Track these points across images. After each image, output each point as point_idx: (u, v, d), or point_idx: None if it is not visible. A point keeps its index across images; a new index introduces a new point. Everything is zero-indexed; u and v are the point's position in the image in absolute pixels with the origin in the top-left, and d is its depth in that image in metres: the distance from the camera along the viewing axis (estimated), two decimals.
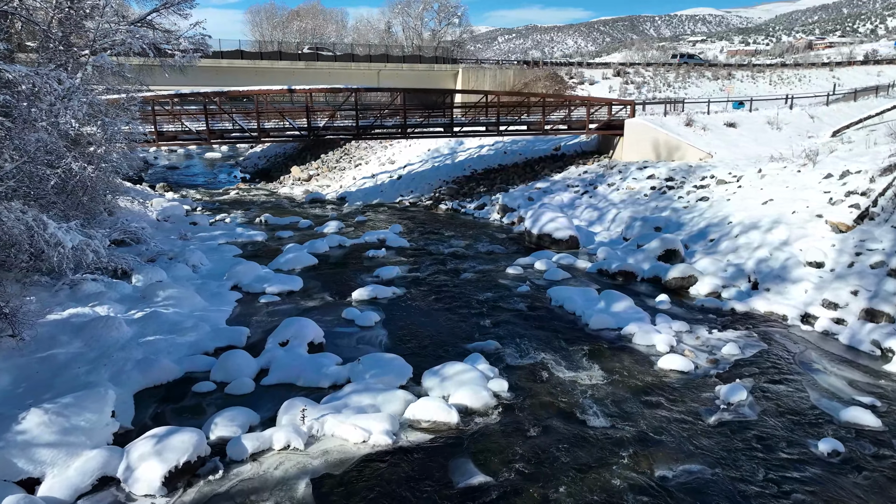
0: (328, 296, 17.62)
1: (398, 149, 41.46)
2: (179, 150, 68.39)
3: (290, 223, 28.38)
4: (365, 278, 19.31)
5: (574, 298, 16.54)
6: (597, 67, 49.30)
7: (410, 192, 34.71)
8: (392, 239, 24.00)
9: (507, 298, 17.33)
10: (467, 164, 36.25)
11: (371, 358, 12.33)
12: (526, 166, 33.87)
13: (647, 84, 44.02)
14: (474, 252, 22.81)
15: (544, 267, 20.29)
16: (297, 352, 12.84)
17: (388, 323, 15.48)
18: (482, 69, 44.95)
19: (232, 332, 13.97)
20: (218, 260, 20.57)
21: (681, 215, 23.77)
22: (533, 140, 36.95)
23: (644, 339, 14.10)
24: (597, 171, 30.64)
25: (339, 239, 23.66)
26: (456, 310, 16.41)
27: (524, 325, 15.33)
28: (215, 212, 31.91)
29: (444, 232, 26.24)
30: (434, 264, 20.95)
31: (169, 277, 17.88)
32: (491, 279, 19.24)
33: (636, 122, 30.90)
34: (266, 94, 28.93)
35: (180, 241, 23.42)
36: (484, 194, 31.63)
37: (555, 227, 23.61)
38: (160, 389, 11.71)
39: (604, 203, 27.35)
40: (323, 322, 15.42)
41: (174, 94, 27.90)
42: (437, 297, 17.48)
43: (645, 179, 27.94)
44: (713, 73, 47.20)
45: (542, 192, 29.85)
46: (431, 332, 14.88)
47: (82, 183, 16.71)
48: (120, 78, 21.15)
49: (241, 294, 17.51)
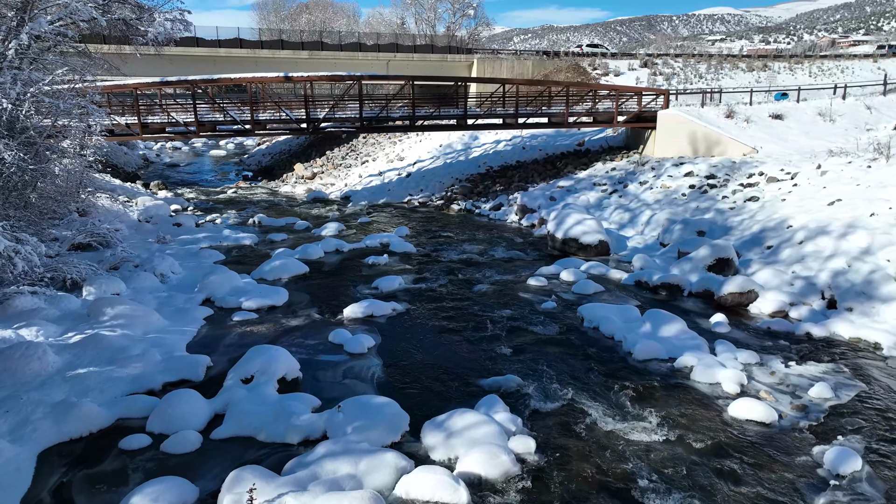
0: (315, 313, 14.79)
1: (408, 144, 38.65)
2: (185, 148, 66.19)
3: (285, 225, 25.65)
4: (361, 290, 16.48)
5: (612, 319, 13.57)
6: (622, 58, 46.15)
7: (420, 190, 31.88)
8: (396, 243, 21.16)
9: (529, 317, 14.40)
10: (482, 160, 33.35)
11: (356, 403, 9.46)
12: (547, 163, 30.89)
13: (677, 76, 40.80)
14: (490, 259, 19.90)
15: (572, 277, 17.34)
16: (262, 392, 10.02)
17: (384, 349, 12.62)
18: (498, 60, 42.01)
19: (188, 363, 11.19)
20: (194, 267, 17.85)
21: (727, 218, 20.69)
22: (554, 135, 33.95)
23: (706, 374, 11.11)
24: (626, 168, 27.60)
25: (336, 243, 20.86)
26: (467, 332, 13.51)
27: (552, 354, 12.40)
28: (208, 212, 29.28)
29: (456, 235, 23.36)
30: (443, 274, 18.07)
31: (129, 289, 15.18)
32: (509, 292, 16.32)
33: (670, 113, 27.80)
34: (261, 83, 26.24)
35: (157, 245, 20.75)
36: (500, 193, 28.71)
37: (582, 230, 20.63)
38: (77, 445, 8.94)
39: (636, 203, 24.31)
40: (304, 348, 12.62)
41: (159, 81, 25.28)
42: (446, 315, 14.60)
43: (682, 177, 24.86)
44: (748, 64, 43.85)
45: (566, 192, 26.86)
46: (436, 363, 11.99)
47: (23, 178, 14.04)
48: (84, 59, 18.53)
49: (213, 310, 14.75)
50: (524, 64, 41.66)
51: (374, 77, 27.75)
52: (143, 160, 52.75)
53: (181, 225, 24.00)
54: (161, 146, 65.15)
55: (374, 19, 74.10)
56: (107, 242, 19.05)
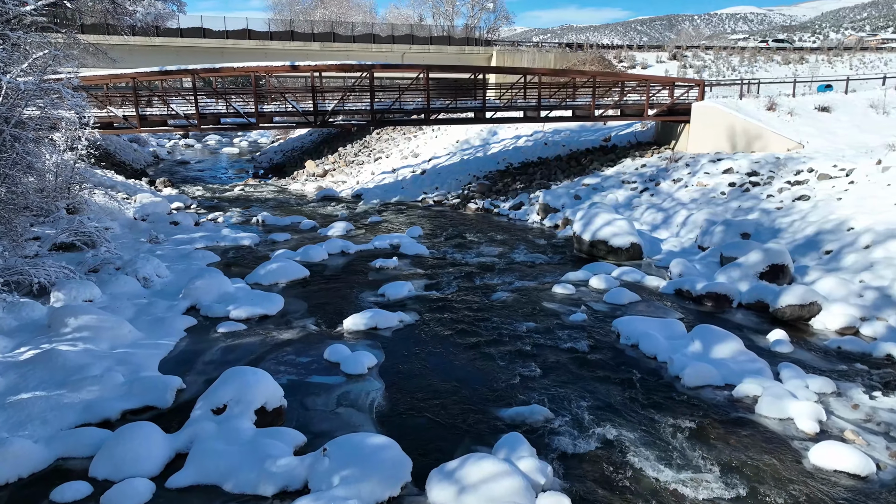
0: (312, 324, 13.02)
1: (423, 140, 36.86)
2: (197, 145, 65.14)
3: (290, 224, 23.98)
4: (366, 298, 14.69)
5: (653, 335, 11.63)
6: (649, 50, 43.93)
7: (435, 188, 30.07)
8: (408, 245, 19.36)
9: (556, 332, 12.50)
10: (501, 156, 31.45)
11: (347, 444, 7.65)
12: (570, 159, 28.90)
13: (709, 68, 38.53)
14: (510, 263, 18.02)
15: (603, 285, 15.41)
16: (236, 426, 8.25)
17: (388, 369, 10.81)
18: (519, 52, 40.03)
19: (154, 385, 9.46)
20: (182, 271, 16.19)
21: (775, 219, 18.60)
22: (578, 130, 31.95)
23: (774, 407, 9.14)
24: (658, 165, 25.53)
25: (341, 244, 19.10)
26: (485, 349, 11.65)
27: (584, 378, 10.50)
28: (211, 210, 27.74)
29: (473, 236, 21.50)
30: (458, 279, 16.22)
31: (105, 295, 13.53)
32: (533, 301, 14.43)
33: (706, 106, 25.68)
34: (266, 73, 24.62)
35: (148, 245, 19.16)
36: (521, 192, 26.80)
37: (612, 231, 18.67)
38: (1, 495, 7.23)
39: (669, 203, 22.27)
40: (294, 367, 10.86)
41: (158, 70, 23.75)
42: (460, 328, 12.74)
43: (720, 174, 22.76)
44: (783, 56, 41.39)
45: (592, 190, 24.88)
46: (448, 387, 10.15)
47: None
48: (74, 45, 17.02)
49: (197, 319, 13.04)
50: (546, 56, 39.66)
51: (387, 66, 26.01)
52: (154, 157, 51.58)
53: (178, 224, 22.43)
54: (174, 143, 64.19)
55: (391, 14, 72.49)
56: (92, 242, 17.46)
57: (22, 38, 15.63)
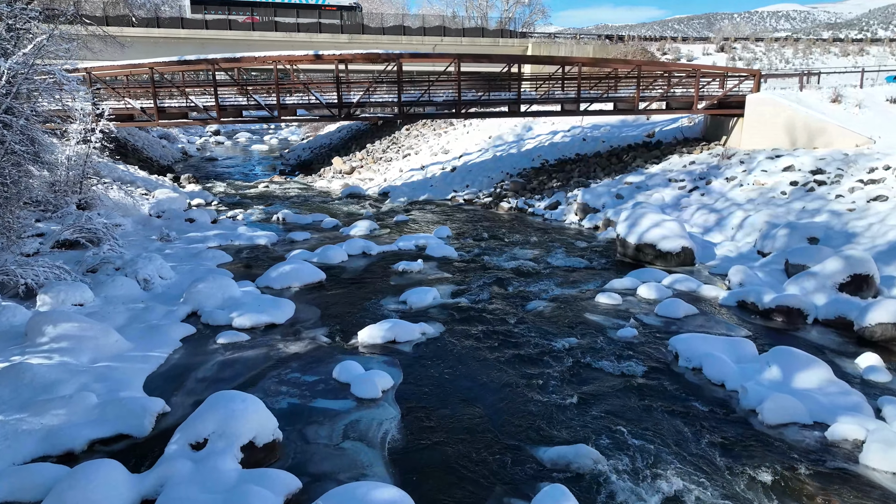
0: (323, 335, 11.54)
1: (453, 136, 35.27)
2: (227, 142, 64.67)
3: (311, 222, 22.62)
4: (386, 306, 13.16)
5: (720, 358, 9.83)
6: (694, 42, 41.58)
7: (466, 186, 28.46)
8: (435, 246, 17.79)
9: (602, 350, 10.79)
10: (536, 153, 29.67)
11: (347, 496, 6.10)
12: (611, 156, 26.99)
13: (760, 61, 36.11)
14: (546, 268, 16.31)
15: (653, 294, 13.62)
16: (217, 466, 6.78)
17: (405, 394, 9.25)
18: (556, 44, 38.18)
19: (131, 409, 8.07)
20: (189, 272, 14.89)
21: (847, 221, 16.51)
22: (619, 125, 29.98)
23: (886, 458, 7.30)
24: (708, 162, 23.48)
25: (363, 245, 17.63)
26: (520, 370, 10.01)
27: (638, 409, 8.79)
28: (232, 207, 26.61)
29: (506, 238, 19.83)
30: (489, 286, 14.58)
31: (98, 298, 12.27)
32: (573, 313, 12.72)
33: (763, 98, 23.53)
34: (289, 62, 23.34)
35: (158, 244, 17.97)
36: (557, 190, 25.01)
37: (660, 234, 16.84)
38: None
39: (723, 203, 20.26)
40: (297, 388, 9.37)
41: (176, 60, 22.66)
42: (490, 343, 11.12)
43: (780, 172, 20.66)
44: (841, 48, 38.65)
45: (635, 189, 22.98)
46: (476, 419, 8.54)
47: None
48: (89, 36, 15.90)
49: (196, 327, 11.68)
50: (584, 49, 37.72)
51: (416, 55, 24.49)
52: (183, 154, 51.01)
53: (194, 221, 21.25)
54: (205, 140, 63.83)
55: (424, 9, 71.14)
56: (98, 240, 16.32)
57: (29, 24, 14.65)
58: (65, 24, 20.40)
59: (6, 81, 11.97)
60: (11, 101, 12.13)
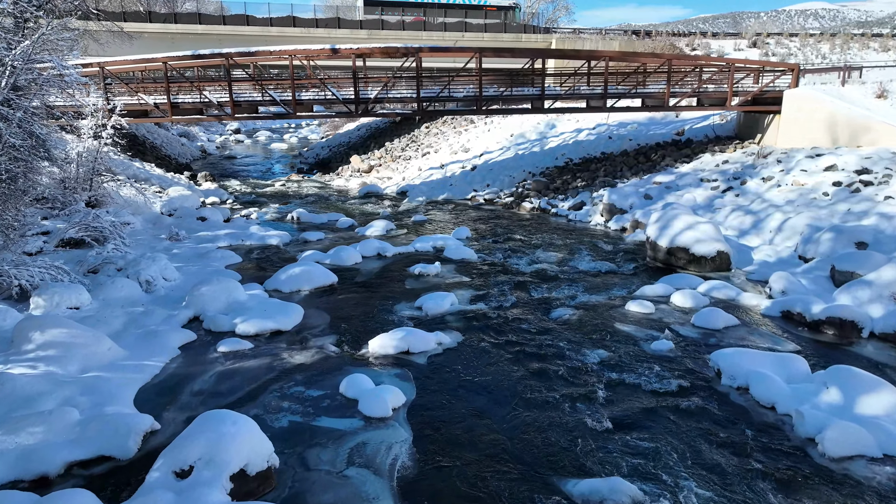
0: (331, 343, 10.72)
1: (474, 134, 34.35)
2: (247, 141, 64.46)
3: (326, 222, 21.89)
4: (400, 312, 12.31)
5: (768, 377, 8.82)
6: (725, 38, 40.15)
7: (486, 185, 27.53)
8: (453, 248, 16.91)
9: (635, 365, 9.82)
10: (560, 151, 28.63)
11: None
12: (638, 155, 25.86)
13: (794, 56, 34.63)
14: (572, 272, 15.34)
15: (689, 302, 12.59)
16: (201, 498, 5.97)
17: (418, 412, 8.39)
18: (581, 39, 37.05)
19: (115, 428, 7.32)
20: (195, 273, 14.18)
21: None
22: (647, 122, 28.82)
23: None
24: (742, 161, 22.29)
25: (378, 246, 16.81)
26: (545, 387, 9.08)
27: (679, 435, 7.82)
28: (248, 205, 26.01)
29: (528, 239, 18.88)
30: (511, 291, 13.65)
31: (96, 301, 11.59)
32: (602, 322, 11.75)
33: (802, 94, 22.26)
34: (304, 56, 22.62)
35: (166, 243, 17.33)
36: (582, 190, 23.98)
37: (694, 237, 15.77)
38: None
39: (759, 204, 19.09)
40: (300, 403, 8.56)
41: (190, 54, 22.07)
42: (512, 355, 10.21)
43: (821, 172, 19.42)
44: (881, 43, 36.99)
45: (665, 189, 21.86)
46: (496, 443, 7.65)
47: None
48: None
49: (197, 334, 10.94)
50: (611, 44, 36.54)
51: (436, 49, 23.63)
52: (202, 152, 50.77)
53: (206, 219, 20.63)
54: (225, 139, 63.73)
55: None
56: (104, 238, 15.72)
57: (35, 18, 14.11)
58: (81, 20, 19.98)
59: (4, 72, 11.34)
60: (9, 94, 11.50)
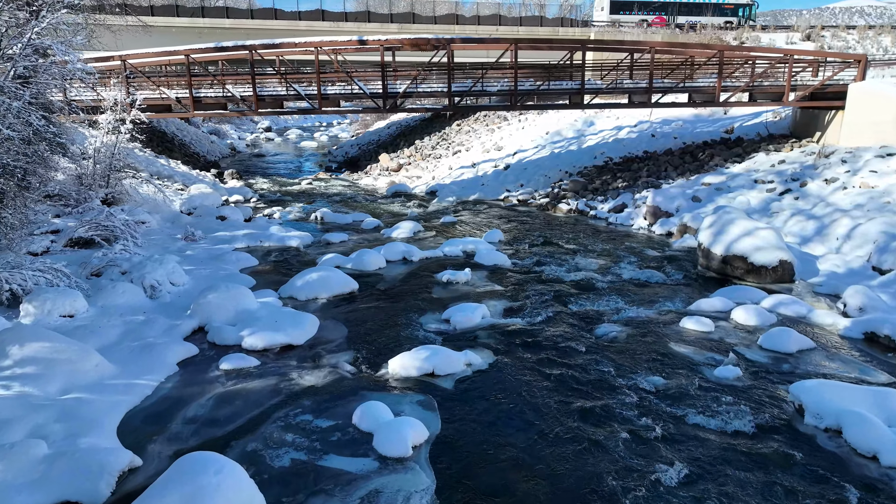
0: (347, 361, 9.52)
1: (507, 132, 32.96)
2: (278, 139, 64.14)
3: (351, 222, 20.79)
4: (425, 325, 11.06)
5: (865, 418, 7.33)
6: (775, 31, 37.99)
7: (520, 185, 26.15)
8: (485, 252, 15.61)
9: (696, 396, 8.39)
10: (599, 150, 27.07)
11: None
12: (684, 154, 24.19)
13: (852, 49, 32.45)
14: (615, 281, 13.89)
15: (753, 320, 11.09)
16: None
17: (443, 450, 7.11)
18: (620, 32, 35.39)
19: (86, 467, 6.22)
20: (207, 277, 13.16)
21: None
22: (692, 119, 27.08)
23: None
24: (801, 161, 20.49)
25: (403, 249, 15.60)
26: (591, 422, 7.72)
27: (756, 486, 6.40)
28: (272, 204, 25.11)
29: (566, 244, 17.47)
30: (548, 302, 12.29)
31: (93, 308, 10.60)
32: (655, 341, 10.32)
33: (871, 87, 20.37)
34: (331, 49, 21.58)
35: (181, 244, 16.40)
36: (623, 191, 22.43)
37: (753, 244, 14.18)
38: None
39: (823, 209, 17.35)
40: (305, 436, 7.38)
41: (213, 46, 21.21)
42: (552, 382, 8.86)
43: (894, 173, 17.59)
44: None
45: (715, 190, 20.20)
46: (536, 495, 6.32)
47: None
48: None
49: (199, 347, 9.85)
50: (652, 38, 34.78)
51: (468, 41, 22.35)
52: (231, 149, 50.36)
53: (226, 219, 19.71)
54: (255, 137, 63.49)
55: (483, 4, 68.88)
56: (115, 238, 14.84)
57: None
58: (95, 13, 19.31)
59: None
60: (4, 82, 10.60)
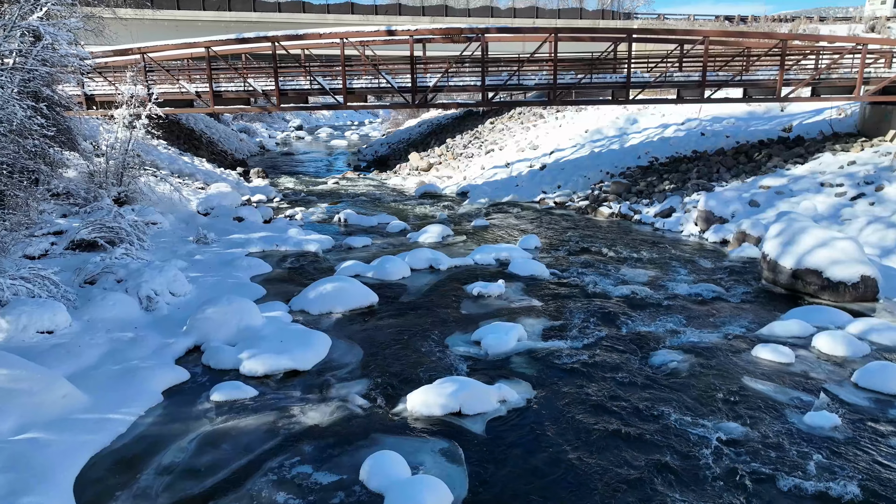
0: (359, 394, 8.11)
1: (544, 130, 31.28)
2: (308, 137, 63.42)
3: (376, 225, 19.45)
4: (452, 347, 9.60)
5: None
6: (835, 22, 35.56)
7: (557, 187, 24.51)
8: (520, 261, 14.08)
9: (783, 448, 6.77)
10: (643, 149, 25.24)
11: None
12: (738, 154, 22.23)
13: None
14: (668, 297, 12.22)
15: (841, 349, 9.36)
16: None
17: None
18: (665, 25, 33.44)
19: None
20: (213, 286, 11.92)
21: None
22: (746, 117, 25.05)
23: None
24: (874, 162, 18.43)
25: (430, 257, 14.15)
26: (652, 481, 6.17)
27: None
28: (295, 204, 23.97)
29: (609, 252, 15.81)
30: (594, 323, 10.70)
31: (78, 321, 9.41)
32: (724, 375, 8.67)
33: None
34: (357, 40, 20.27)
35: (192, 246, 15.25)
36: (671, 194, 20.62)
37: (829, 257, 12.36)
38: None
39: None
40: (303, 496, 5.98)
41: (235, 37, 20.09)
42: (602, 425, 7.30)
43: None
44: None
45: (775, 194, 18.28)
46: None
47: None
48: None
49: (191, 372, 8.55)
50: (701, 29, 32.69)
51: (503, 30, 20.84)
52: (260, 148, 49.68)
53: (243, 220, 18.56)
54: (286, 135, 62.91)
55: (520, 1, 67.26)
56: (120, 240, 13.75)
57: None
58: None
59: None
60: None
